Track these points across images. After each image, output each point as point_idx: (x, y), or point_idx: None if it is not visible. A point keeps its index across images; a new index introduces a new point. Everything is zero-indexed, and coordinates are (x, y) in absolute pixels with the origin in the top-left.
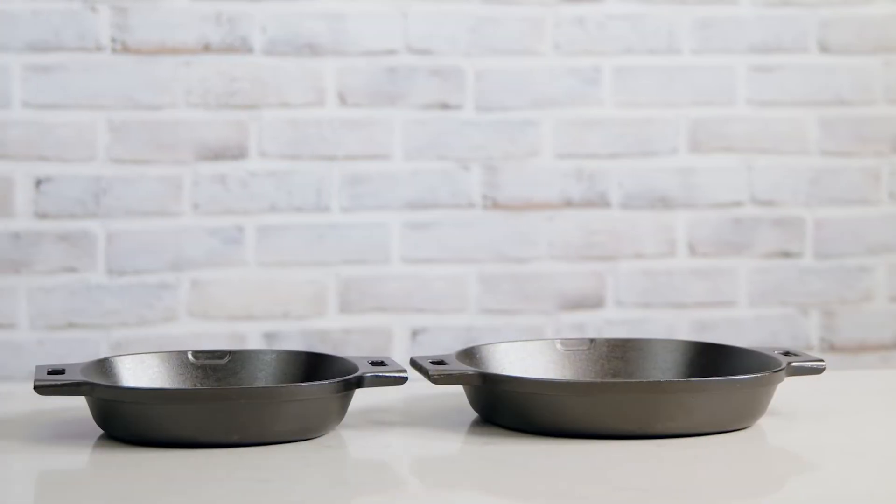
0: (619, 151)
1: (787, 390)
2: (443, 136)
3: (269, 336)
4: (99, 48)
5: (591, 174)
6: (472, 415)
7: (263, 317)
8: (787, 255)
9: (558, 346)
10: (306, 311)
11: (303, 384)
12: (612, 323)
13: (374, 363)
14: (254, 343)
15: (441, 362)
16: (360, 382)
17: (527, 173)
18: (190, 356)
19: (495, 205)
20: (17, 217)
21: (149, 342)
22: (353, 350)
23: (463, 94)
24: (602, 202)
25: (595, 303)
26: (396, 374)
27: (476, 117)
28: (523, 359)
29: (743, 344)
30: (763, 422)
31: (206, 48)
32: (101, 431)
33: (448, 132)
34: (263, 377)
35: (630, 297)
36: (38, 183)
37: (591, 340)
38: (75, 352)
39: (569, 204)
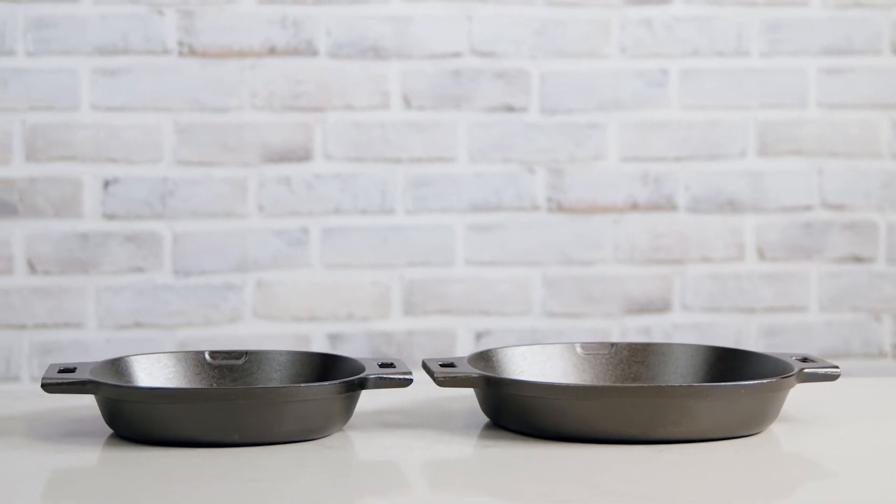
0: (685, 154)
1: (803, 397)
2: (507, 139)
3: (332, 337)
4: (166, 51)
5: (658, 177)
6: (483, 418)
7: (327, 318)
8: (858, 259)
9: (579, 349)
10: (370, 312)
11: (302, 385)
12: (679, 327)
13: (382, 365)
14: (318, 345)
15: (451, 365)
16: (363, 384)
17: (592, 176)
18: (207, 356)
19: (560, 207)
20: (86, 218)
21: (214, 342)
22: (417, 352)
23: (528, 97)
24: (669, 205)
25: (661, 307)
26: (401, 377)
27: (541, 120)
28: (543, 362)
29: (812, 350)
30: (774, 428)
31: (272, 51)
32: (111, 430)
33: (513, 135)
34: (278, 377)
35: (697, 301)
36: (106, 184)
37: (612, 345)
38: (141, 351)
39: (635, 207)
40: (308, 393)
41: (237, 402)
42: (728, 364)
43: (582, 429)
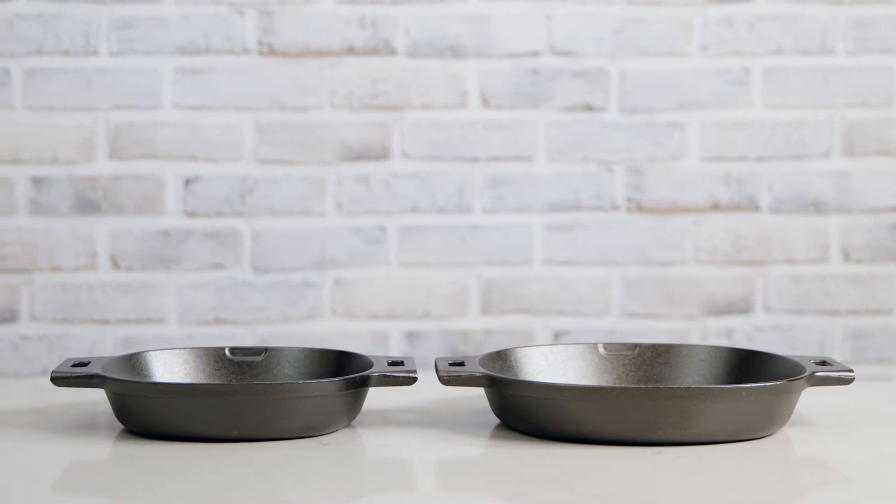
0: (769, 154)
1: (823, 400)
2: (586, 138)
3: (410, 336)
4: (246, 51)
5: (740, 177)
6: (494, 418)
7: (405, 316)
8: None
9: (601, 350)
10: (447, 311)
11: (300, 381)
12: (762, 329)
13: (391, 363)
14: (395, 343)
15: (460, 364)
16: (365, 381)
17: (672, 176)
18: (227, 352)
19: (640, 207)
20: (167, 215)
21: (292, 339)
22: None
23: (607, 96)
24: (751, 206)
25: (743, 308)
26: (405, 375)
27: (620, 119)
28: (564, 362)
29: None
30: (785, 431)
31: (350, 50)
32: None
33: (592, 134)
34: (293, 374)
35: (780, 303)
36: (188, 182)
37: (635, 346)
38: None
39: (716, 207)
40: (307, 389)
41: (235, 398)
42: (750, 366)
43: (580, 430)
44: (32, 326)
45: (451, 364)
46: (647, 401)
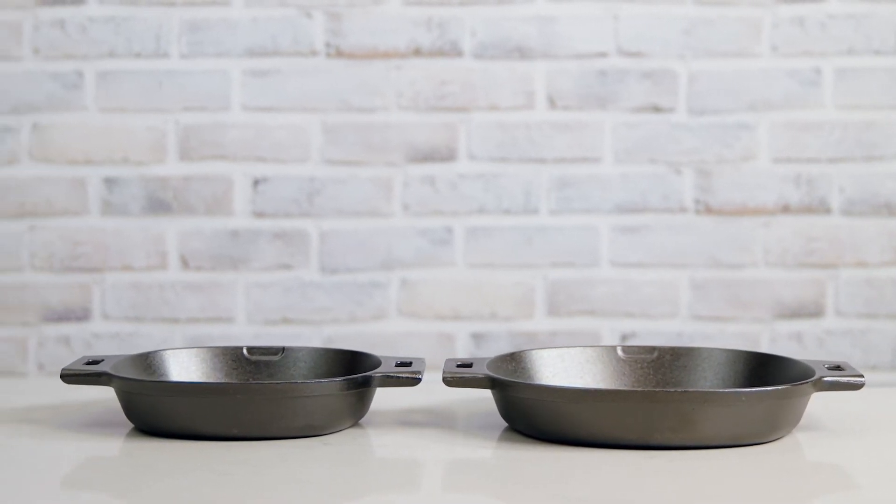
0: (840, 155)
1: (838, 405)
2: (654, 140)
3: (476, 337)
4: (314, 53)
5: (811, 179)
6: (503, 421)
7: (471, 317)
8: None
9: (620, 353)
10: (514, 312)
11: (299, 381)
12: (833, 333)
13: (399, 364)
14: (461, 344)
15: (468, 365)
16: (367, 382)
17: (741, 177)
18: (245, 352)
19: (708, 209)
20: (236, 216)
21: (360, 339)
22: None
23: (675, 97)
24: (822, 208)
25: (814, 312)
26: (408, 375)
27: (689, 120)
28: (581, 364)
29: None
30: (792, 436)
31: (417, 52)
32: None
33: (659, 135)
34: (309, 374)
35: (852, 307)
36: (256, 183)
37: (654, 349)
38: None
39: (786, 209)
40: (306, 389)
41: (235, 397)
42: (767, 370)
43: (578, 433)
44: (104, 324)
45: (458, 365)
46: (643, 404)
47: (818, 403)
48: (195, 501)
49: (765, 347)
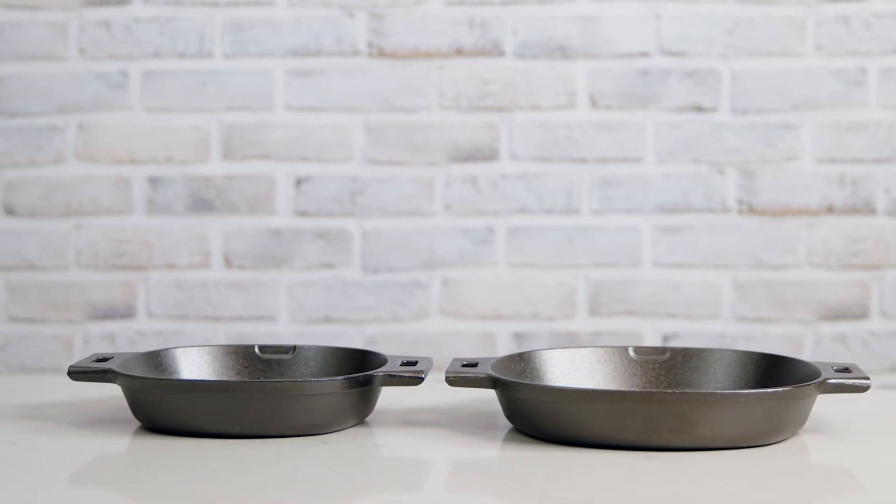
0: (885, 155)
1: (849, 407)
2: (696, 139)
3: (518, 336)
4: (356, 53)
5: (855, 179)
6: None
7: (513, 317)
8: None
9: (632, 353)
10: (555, 312)
11: (298, 380)
12: (878, 335)
13: (405, 363)
14: (503, 343)
15: (474, 364)
16: (369, 381)
17: (785, 178)
18: (256, 350)
19: (751, 210)
20: (279, 215)
21: (402, 339)
22: None
23: (718, 97)
24: (867, 209)
25: (859, 313)
26: (410, 375)
27: (731, 120)
28: (591, 365)
29: None
30: (797, 439)
31: (459, 52)
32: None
33: (702, 135)
34: (319, 372)
35: None
36: (299, 182)
37: (665, 349)
38: (332, 345)
39: (830, 210)
40: (305, 388)
41: (234, 396)
42: (777, 371)
43: (578, 433)
44: (149, 322)
45: (463, 365)
46: (641, 405)
47: (829, 406)
48: (184, 499)
49: (808, 349)
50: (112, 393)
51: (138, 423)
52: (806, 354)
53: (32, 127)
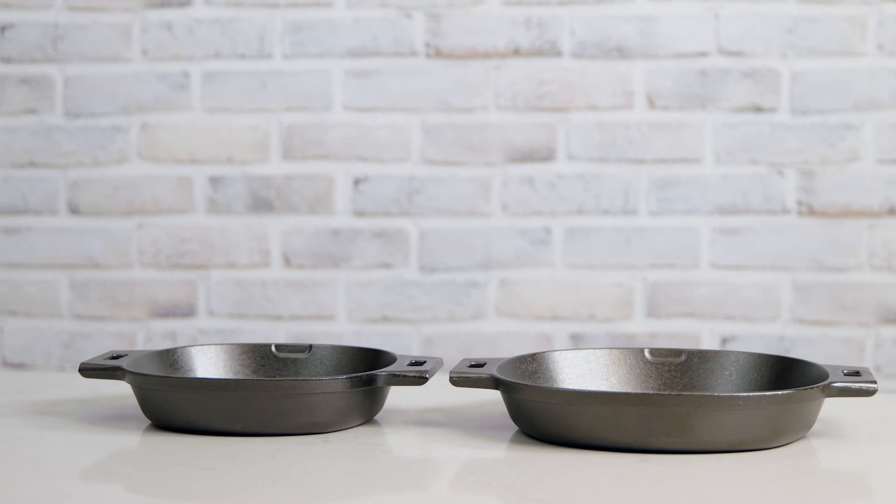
0: None
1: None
2: (755, 140)
3: (575, 337)
4: (414, 53)
5: None
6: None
7: (569, 318)
8: None
9: (648, 355)
10: (612, 313)
11: (300, 378)
12: None
13: (412, 363)
14: (560, 344)
15: (481, 365)
16: (372, 380)
17: (846, 179)
18: (273, 349)
19: (811, 211)
20: (337, 214)
21: (458, 339)
22: None
23: (777, 97)
24: None
25: None
26: (415, 374)
27: (791, 120)
28: (606, 367)
29: None
30: (802, 443)
31: (516, 52)
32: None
33: (761, 136)
34: (332, 371)
35: None
36: (357, 182)
37: (681, 352)
38: (388, 344)
39: (892, 212)
40: (307, 387)
41: (237, 394)
42: (791, 374)
43: (577, 435)
44: (209, 321)
45: (471, 365)
46: (637, 407)
47: (841, 409)
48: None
49: (869, 353)
50: (129, 390)
51: (148, 421)
52: (867, 358)
53: (97, 127)
